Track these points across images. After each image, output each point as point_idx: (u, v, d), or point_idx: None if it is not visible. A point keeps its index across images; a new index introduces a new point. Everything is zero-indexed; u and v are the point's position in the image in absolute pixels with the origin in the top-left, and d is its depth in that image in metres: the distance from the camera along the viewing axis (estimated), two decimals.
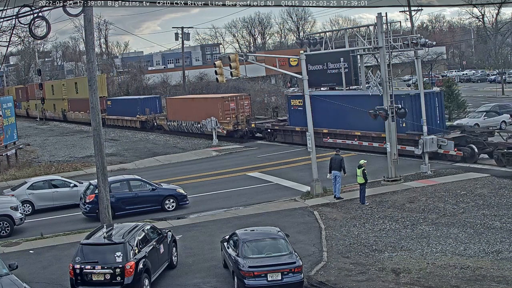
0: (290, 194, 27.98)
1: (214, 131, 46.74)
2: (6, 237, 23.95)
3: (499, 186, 25.85)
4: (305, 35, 67.50)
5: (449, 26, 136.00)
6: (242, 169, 35.60)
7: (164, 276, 17.86)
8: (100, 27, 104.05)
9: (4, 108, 40.83)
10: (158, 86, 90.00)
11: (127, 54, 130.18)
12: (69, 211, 28.06)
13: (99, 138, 20.78)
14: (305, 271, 16.59)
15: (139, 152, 46.77)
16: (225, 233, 19.87)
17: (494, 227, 20.49)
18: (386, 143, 28.70)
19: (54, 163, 42.68)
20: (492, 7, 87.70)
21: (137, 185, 26.77)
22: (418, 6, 60.05)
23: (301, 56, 27.88)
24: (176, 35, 78.99)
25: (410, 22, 58.20)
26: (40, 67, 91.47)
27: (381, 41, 27.73)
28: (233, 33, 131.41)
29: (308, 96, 27.61)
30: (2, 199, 25.58)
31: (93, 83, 20.70)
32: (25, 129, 71.90)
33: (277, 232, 17.22)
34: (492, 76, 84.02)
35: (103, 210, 20.78)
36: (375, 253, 18.88)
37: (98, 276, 15.70)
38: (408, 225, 21.54)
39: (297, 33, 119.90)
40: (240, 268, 15.74)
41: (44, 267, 19.71)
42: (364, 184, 24.74)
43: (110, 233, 17.48)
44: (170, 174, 36.02)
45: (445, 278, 16.42)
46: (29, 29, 20.21)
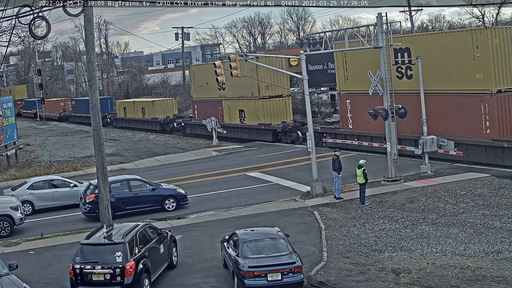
0: (290, 194, 27.98)
1: (214, 131, 46.71)
2: (6, 237, 23.96)
3: (499, 186, 25.84)
4: (305, 35, 67.56)
5: (449, 26, 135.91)
6: (242, 169, 35.60)
7: (164, 276, 17.86)
8: (100, 27, 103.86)
9: (4, 108, 40.85)
10: (158, 86, 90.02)
11: (127, 54, 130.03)
12: (69, 211, 28.08)
13: (99, 138, 20.79)
14: (305, 271, 16.59)
15: (139, 152, 46.79)
16: (225, 233, 19.87)
17: (494, 227, 20.48)
18: (386, 143, 28.69)
19: (54, 163, 42.70)
20: (492, 7, 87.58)
21: (137, 185, 26.78)
22: (418, 6, 60.03)
23: (301, 56, 27.89)
24: (176, 35, 79.14)
25: (410, 22, 58.22)
26: (40, 67, 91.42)
27: (381, 41, 27.72)
28: (233, 33, 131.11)
29: (308, 96, 27.61)
30: (2, 199, 25.59)
31: (93, 83, 20.71)
32: (25, 129, 71.92)
33: (277, 232, 17.22)
34: None
35: (103, 210, 20.78)
36: (375, 253, 18.88)
37: (98, 276, 15.70)
38: (408, 225, 21.54)
39: (297, 33, 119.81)
40: (240, 268, 15.73)
41: (44, 267, 19.71)
42: (364, 184, 24.74)
43: (110, 233, 17.48)
44: (170, 174, 36.03)
45: (445, 278, 16.42)
46: (29, 29, 20.24)
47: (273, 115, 45.43)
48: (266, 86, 44.64)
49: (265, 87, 44.76)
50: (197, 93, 54.31)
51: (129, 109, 66.63)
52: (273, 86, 44.65)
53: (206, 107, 52.04)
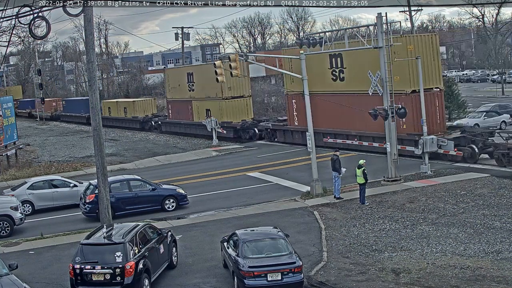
0: (290, 194, 27.98)
1: (214, 131, 46.74)
2: (6, 237, 23.95)
3: (499, 186, 25.85)
4: (305, 35, 67.44)
5: (449, 26, 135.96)
6: (242, 169, 35.61)
7: (164, 276, 17.86)
8: (100, 27, 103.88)
9: (4, 108, 40.84)
10: (158, 86, 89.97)
11: (127, 54, 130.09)
12: (69, 211, 28.07)
13: (99, 138, 20.78)
14: (305, 271, 16.59)
15: (139, 152, 46.79)
16: (225, 233, 19.86)
17: (494, 227, 20.49)
18: (386, 143, 28.69)
19: (54, 163, 42.68)
20: (492, 7, 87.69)
21: (137, 185, 26.78)
22: (418, 6, 60.03)
23: (301, 56, 27.88)
24: (176, 35, 79.08)
25: (410, 22, 58.19)
26: (40, 67, 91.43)
27: (381, 41, 27.72)
28: (233, 33, 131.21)
29: (308, 96, 27.61)
30: (2, 199, 25.58)
31: (93, 83, 20.71)
32: (25, 129, 71.91)
33: (277, 232, 17.22)
34: (494, 76, 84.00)
35: (103, 210, 20.78)
36: (375, 253, 18.88)
37: (98, 276, 15.70)
38: (408, 225, 21.54)
39: (297, 33, 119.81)
40: (240, 268, 15.74)
41: (44, 267, 19.71)
42: (364, 184, 24.74)
43: (110, 233, 17.48)
44: (170, 174, 36.03)
45: (445, 278, 16.43)
46: (29, 29, 20.24)
47: (235, 114, 49.69)
48: (229, 88, 48.82)
49: (228, 88, 48.81)
50: (171, 94, 58.50)
51: (113, 109, 70.92)
52: (235, 88, 49.46)
53: (178, 107, 56.18)
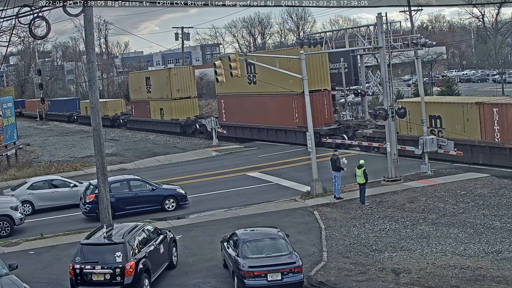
0: (290, 194, 27.98)
1: (214, 131, 46.74)
2: (6, 237, 23.95)
3: (499, 186, 25.85)
4: (305, 35, 67.42)
5: (449, 26, 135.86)
6: (242, 169, 35.60)
7: (164, 276, 17.86)
8: (100, 27, 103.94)
9: (4, 108, 40.83)
10: None
11: (127, 54, 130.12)
12: (69, 211, 28.06)
13: (99, 138, 20.79)
14: (305, 271, 16.60)
15: (139, 152, 46.78)
16: (225, 233, 19.86)
17: (494, 227, 20.49)
18: (386, 143, 28.70)
19: (54, 163, 42.67)
20: (492, 7, 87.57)
21: (137, 185, 26.77)
22: (418, 6, 60.06)
23: (301, 56, 27.88)
24: (176, 35, 79.08)
25: (410, 22, 58.22)
26: (40, 67, 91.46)
27: (381, 41, 27.72)
28: (233, 33, 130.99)
29: (307, 96, 27.61)
30: (2, 199, 25.58)
31: (93, 83, 20.72)
32: (25, 129, 71.95)
33: (277, 232, 17.21)
34: (494, 76, 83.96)
35: (103, 210, 20.77)
36: (375, 253, 18.88)
37: (98, 276, 15.70)
38: (408, 225, 21.55)
39: (297, 33, 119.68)
40: (240, 268, 15.73)
41: (44, 267, 19.71)
42: (364, 184, 24.74)
43: (110, 233, 17.47)
44: (170, 174, 36.02)
45: (445, 278, 16.43)
46: (29, 29, 20.22)
47: (182, 112, 57.00)
48: (177, 90, 56.79)
49: (176, 90, 56.80)
50: (134, 95, 65.99)
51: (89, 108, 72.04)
52: (183, 90, 57.23)
53: (139, 106, 63.95)
